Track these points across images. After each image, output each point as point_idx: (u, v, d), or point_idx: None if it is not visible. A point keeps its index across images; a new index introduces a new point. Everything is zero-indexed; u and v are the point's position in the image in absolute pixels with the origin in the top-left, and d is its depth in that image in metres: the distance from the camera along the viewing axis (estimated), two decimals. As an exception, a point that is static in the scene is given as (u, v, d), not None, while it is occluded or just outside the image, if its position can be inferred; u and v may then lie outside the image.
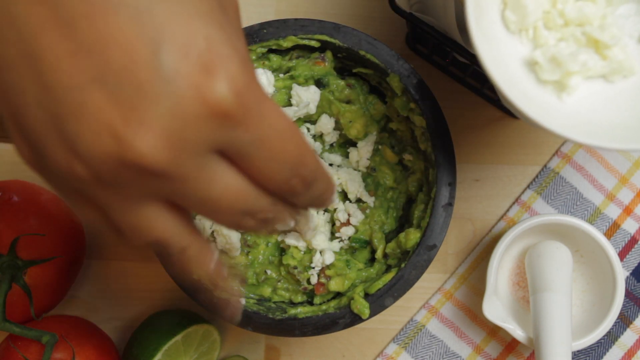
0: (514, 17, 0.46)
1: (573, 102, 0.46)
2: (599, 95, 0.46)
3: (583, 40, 0.46)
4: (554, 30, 0.47)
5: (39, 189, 0.68)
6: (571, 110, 0.45)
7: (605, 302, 0.65)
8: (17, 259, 0.64)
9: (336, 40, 0.59)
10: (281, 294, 0.63)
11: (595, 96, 0.46)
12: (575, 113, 0.45)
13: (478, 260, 0.71)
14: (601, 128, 0.44)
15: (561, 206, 0.71)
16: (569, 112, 0.45)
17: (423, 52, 0.71)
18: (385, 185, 0.63)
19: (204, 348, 0.68)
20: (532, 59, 0.46)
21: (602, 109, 0.46)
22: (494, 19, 0.46)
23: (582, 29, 0.46)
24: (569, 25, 0.46)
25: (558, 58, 0.45)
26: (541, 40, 0.46)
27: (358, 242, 0.62)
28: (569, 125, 0.44)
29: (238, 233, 0.62)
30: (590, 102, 0.46)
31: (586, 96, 0.46)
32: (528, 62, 0.46)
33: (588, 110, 0.46)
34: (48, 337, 0.62)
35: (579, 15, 0.46)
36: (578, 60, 0.45)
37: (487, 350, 0.70)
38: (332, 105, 0.62)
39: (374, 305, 0.57)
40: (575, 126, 0.44)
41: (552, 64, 0.45)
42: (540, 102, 0.45)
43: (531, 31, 0.47)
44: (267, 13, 0.74)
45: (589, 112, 0.45)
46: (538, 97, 0.45)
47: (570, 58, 0.45)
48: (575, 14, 0.46)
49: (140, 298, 0.73)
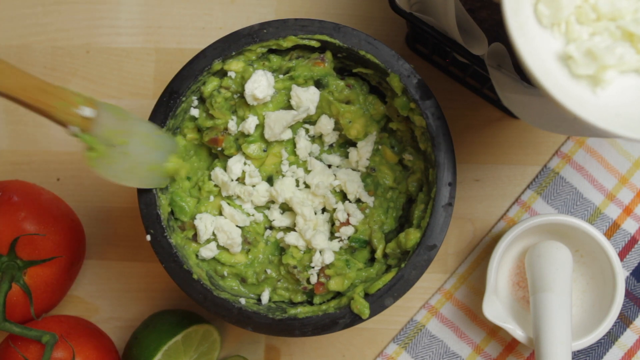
0: (547, 11, 0.46)
1: (607, 97, 0.46)
2: (633, 90, 0.46)
3: (618, 34, 0.46)
4: (586, 24, 0.46)
5: (39, 189, 0.68)
6: (605, 104, 0.45)
7: (605, 302, 0.65)
8: (17, 259, 0.64)
9: (336, 40, 0.59)
10: (281, 293, 0.63)
11: (629, 90, 0.46)
12: (610, 107, 0.45)
13: (478, 260, 0.71)
14: (636, 121, 0.44)
15: (561, 206, 0.71)
16: (603, 106, 0.45)
17: (423, 52, 0.71)
18: (385, 185, 0.63)
19: (204, 348, 0.68)
20: (565, 54, 0.46)
21: (636, 103, 0.46)
22: (528, 13, 0.46)
23: (615, 23, 0.46)
24: (601, 19, 0.46)
25: (594, 52, 0.45)
26: (574, 35, 0.46)
27: (357, 242, 0.62)
28: (605, 117, 0.44)
29: (239, 229, 0.62)
30: (625, 96, 0.46)
31: (620, 91, 0.46)
32: (561, 56, 0.46)
33: (622, 104, 0.46)
34: (48, 337, 0.62)
35: (612, 9, 0.46)
36: (615, 53, 0.45)
37: (487, 350, 0.70)
38: (332, 105, 0.62)
39: (374, 305, 0.57)
40: (611, 119, 0.44)
41: (587, 57, 0.45)
42: (574, 95, 0.45)
43: (564, 25, 0.47)
44: (267, 13, 0.74)
45: (623, 106, 0.45)
46: (572, 91, 0.45)
47: (606, 51, 0.45)
48: (608, 7, 0.46)
49: (140, 298, 0.73)
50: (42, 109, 0.48)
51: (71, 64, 0.74)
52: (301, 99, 0.61)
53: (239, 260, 0.62)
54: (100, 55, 0.75)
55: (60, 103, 0.49)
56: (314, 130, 0.64)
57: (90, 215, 0.73)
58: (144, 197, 0.58)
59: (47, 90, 0.49)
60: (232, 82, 0.61)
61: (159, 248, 0.58)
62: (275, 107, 0.62)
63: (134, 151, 0.56)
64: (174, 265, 0.58)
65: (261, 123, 0.62)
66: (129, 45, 0.75)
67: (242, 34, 0.59)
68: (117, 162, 0.54)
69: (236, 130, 0.62)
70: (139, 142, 0.56)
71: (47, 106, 0.48)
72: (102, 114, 0.52)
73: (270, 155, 0.63)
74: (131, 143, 0.55)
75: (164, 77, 0.74)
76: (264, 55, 0.62)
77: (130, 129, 0.56)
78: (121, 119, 0.55)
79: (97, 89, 0.74)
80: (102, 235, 0.73)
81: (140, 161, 0.57)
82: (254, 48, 0.60)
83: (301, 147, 0.63)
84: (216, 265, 0.62)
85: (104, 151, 0.52)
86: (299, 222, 0.62)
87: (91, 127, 0.51)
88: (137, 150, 0.56)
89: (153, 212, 0.58)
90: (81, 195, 0.73)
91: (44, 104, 0.48)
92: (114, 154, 0.54)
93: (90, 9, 0.75)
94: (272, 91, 0.62)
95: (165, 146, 0.60)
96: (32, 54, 0.75)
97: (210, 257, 0.62)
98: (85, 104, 0.51)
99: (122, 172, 0.55)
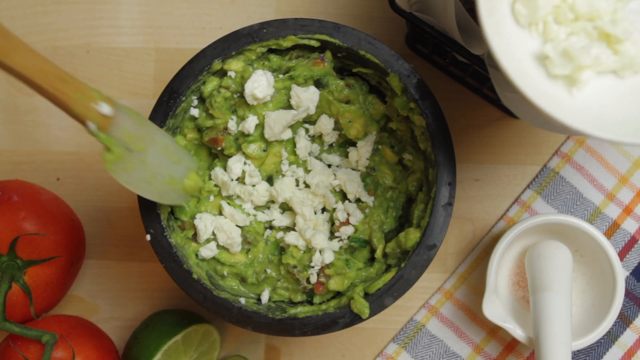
0: (524, 10, 0.46)
1: (583, 97, 0.46)
2: (610, 91, 0.46)
3: (594, 34, 0.46)
4: (564, 24, 0.46)
5: (39, 189, 0.68)
6: (581, 105, 0.45)
7: (605, 302, 0.65)
8: (17, 258, 0.64)
9: (336, 40, 0.59)
10: (281, 293, 0.63)
11: (605, 92, 0.46)
12: (586, 108, 0.45)
13: (478, 260, 0.71)
14: (612, 122, 0.44)
15: (561, 206, 0.71)
16: (580, 107, 0.45)
17: (423, 52, 0.71)
18: (384, 185, 0.63)
19: (204, 348, 0.68)
20: (542, 53, 0.46)
21: (612, 105, 0.46)
22: (505, 12, 0.46)
23: (593, 24, 0.46)
24: (579, 19, 0.46)
25: (570, 52, 0.45)
26: (551, 35, 0.46)
27: (357, 241, 0.62)
28: (580, 118, 0.44)
29: (239, 229, 0.62)
30: (601, 97, 0.46)
31: (596, 92, 0.46)
32: (538, 56, 0.46)
33: (598, 106, 0.45)
34: (48, 337, 0.62)
35: (590, 9, 0.46)
36: (590, 54, 0.45)
37: (487, 350, 0.70)
38: (332, 105, 0.62)
39: (374, 305, 0.57)
40: (586, 119, 0.44)
41: (563, 58, 0.45)
42: (551, 96, 0.45)
43: (541, 25, 0.46)
44: (267, 13, 0.74)
45: (599, 107, 0.45)
46: (549, 92, 0.45)
47: (582, 52, 0.45)
48: (586, 8, 0.46)
49: (140, 298, 0.73)
50: (60, 98, 0.46)
51: (71, 64, 0.74)
52: (301, 99, 0.61)
53: (238, 260, 0.62)
54: (100, 55, 0.75)
55: (79, 95, 0.47)
56: (314, 130, 0.64)
57: (90, 215, 0.73)
58: (143, 197, 0.58)
59: (66, 80, 0.47)
60: (232, 82, 0.61)
61: (158, 248, 0.58)
62: (275, 106, 0.62)
63: (152, 160, 0.54)
64: (173, 265, 0.58)
65: (261, 123, 0.62)
66: (129, 45, 0.75)
67: (242, 34, 0.60)
68: (136, 169, 0.52)
69: (236, 130, 0.62)
70: (157, 151, 0.54)
71: (65, 96, 0.46)
72: (121, 116, 0.50)
73: (270, 155, 0.63)
74: (150, 151, 0.53)
75: (164, 77, 0.74)
76: (263, 55, 0.62)
77: (149, 136, 0.54)
78: (140, 124, 0.53)
79: (97, 89, 0.74)
80: (102, 235, 0.73)
81: (159, 172, 0.55)
82: (254, 48, 0.60)
83: (301, 147, 0.63)
84: (216, 265, 0.62)
85: (121, 155, 0.50)
86: (299, 221, 0.62)
87: (109, 127, 0.49)
88: (156, 159, 0.54)
89: (153, 212, 0.58)
90: (81, 195, 0.73)
91: (63, 93, 0.46)
92: (133, 159, 0.52)
93: (90, 9, 0.75)
94: (272, 91, 0.62)
95: (184, 161, 0.58)
96: (32, 54, 0.75)
97: (210, 256, 0.62)
98: (105, 102, 0.49)
99: (140, 181, 0.53)
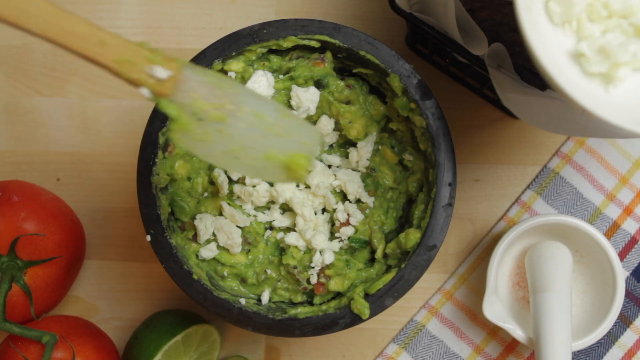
0: (558, 8, 0.46)
1: (619, 94, 0.46)
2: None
3: (630, 31, 0.46)
4: (598, 22, 0.46)
5: (38, 189, 0.68)
6: (618, 101, 0.45)
7: (605, 302, 0.65)
8: (17, 259, 0.64)
9: (336, 40, 0.59)
10: (281, 293, 0.63)
11: None
12: (623, 105, 0.45)
13: (478, 260, 0.71)
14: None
15: (561, 206, 0.71)
16: (616, 104, 0.45)
17: (423, 52, 0.71)
18: (385, 186, 0.63)
19: (204, 348, 0.68)
20: (577, 51, 0.46)
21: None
22: (539, 10, 0.46)
23: (627, 20, 0.46)
24: (612, 17, 0.46)
25: (607, 49, 0.45)
26: (585, 32, 0.46)
27: (357, 242, 0.62)
28: (618, 114, 0.44)
29: (239, 230, 0.62)
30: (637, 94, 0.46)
31: (632, 89, 0.46)
32: (573, 54, 0.46)
33: (634, 103, 0.45)
34: (48, 337, 0.62)
35: (624, 6, 0.46)
36: (628, 50, 0.45)
37: (487, 351, 0.70)
38: (332, 106, 0.62)
39: (374, 305, 0.57)
40: (625, 116, 0.44)
41: (600, 55, 0.45)
42: (587, 93, 0.45)
43: (575, 23, 0.46)
44: (268, 13, 0.74)
45: (635, 105, 0.45)
46: (585, 89, 0.45)
47: (619, 49, 0.45)
48: (620, 5, 0.46)
49: (140, 298, 0.73)
50: (102, 63, 0.42)
51: (71, 64, 0.74)
52: (301, 99, 0.61)
53: (239, 261, 0.62)
54: (100, 55, 0.75)
55: (125, 59, 0.43)
56: (314, 131, 0.64)
57: (90, 215, 0.73)
58: (144, 197, 0.58)
59: (108, 43, 0.42)
60: (232, 82, 0.61)
61: (159, 248, 0.58)
62: (275, 107, 0.62)
63: (237, 132, 0.46)
64: (174, 266, 0.58)
65: (261, 123, 0.62)
66: (129, 45, 0.75)
67: (242, 34, 0.59)
68: (213, 141, 0.45)
69: (236, 131, 0.62)
70: (247, 121, 0.46)
71: (107, 61, 0.42)
72: (189, 80, 0.44)
73: (271, 155, 0.63)
74: (232, 122, 0.46)
75: (164, 77, 0.74)
76: (264, 55, 0.62)
77: (233, 104, 0.46)
78: (221, 88, 0.46)
79: (97, 89, 0.74)
80: (102, 235, 0.73)
81: (250, 146, 0.46)
82: (254, 48, 0.60)
83: (301, 147, 0.63)
84: (216, 266, 0.62)
85: (188, 124, 0.44)
86: (299, 222, 0.62)
87: (170, 91, 0.44)
88: (243, 131, 0.46)
89: (153, 212, 0.58)
90: (81, 195, 0.73)
91: (104, 59, 0.42)
92: (207, 130, 0.45)
93: (90, 9, 0.75)
94: (272, 91, 0.62)
95: (297, 134, 0.48)
96: (32, 54, 0.75)
97: (210, 257, 0.62)
98: (162, 64, 0.43)
99: (222, 155, 0.46)
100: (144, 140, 0.59)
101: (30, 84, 0.74)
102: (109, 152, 0.73)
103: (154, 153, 0.59)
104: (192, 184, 0.63)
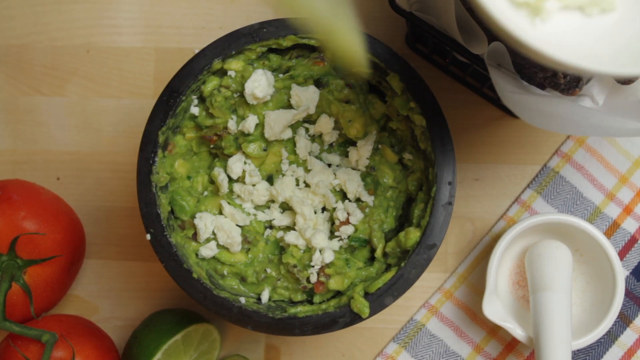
0: None
1: (546, 32, 0.44)
2: (574, 31, 0.44)
3: None
4: None
5: (38, 188, 0.68)
6: (544, 39, 0.43)
7: (605, 302, 0.65)
8: (17, 258, 0.64)
9: (336, 39, 0.59)
10: (281, 292, 0.63)
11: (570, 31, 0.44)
12: (548, 42, 0.43)
13: (478, 259, 0.71)
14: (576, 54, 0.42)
15: (561, 205, 0.71)
16: (543, 40, 0.43)
17: (423, 51, 0.71)
18: (384, 185, 0.63)
19: (204, 347, 0.68)
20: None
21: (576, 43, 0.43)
22: None
23: None
24: None
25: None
26: None
27: (357, 241, 0.62)
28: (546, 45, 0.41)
29: (239, 228, 0.62)
30: (564, 36, 0.44)
31: (560, 30, 0.44)
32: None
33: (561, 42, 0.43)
34: (48, 337, 0.62)
35: None
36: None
37: (487, 350, 0.70)
38: (332, 105, 0.62)
39: (374, 304, 0.57)
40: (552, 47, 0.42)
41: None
42: (516, 24, 0.42)
43: None
44: (267, 12, 0.74)
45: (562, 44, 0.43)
46: (513, 19, 0.43)
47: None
48: None
49: (140, 297, 0.73)
50: None
51: (71, 64, 0.75)
52: (301, 98, 0.61)
53: (238, 260, 0.63)
54: (101, 55, 0.75)
55: None
56: (314, 130, 0.64)
57: (90, 215, 0.73)
58: (143, 196, 0.58)
59: None
60: (232, 82, 0.61)
61: (158, 247, 0.58)
62: (275, 106, 0.62)
63: None
64: (173, 265, 0.58)
65: (261, 122, 0.62)
66: (129, 45, 0.75)
67: (242, 33, 0.60)
68: None
69: (236, 130, 0.62)
70: None
71: None
72: None
73: (270, 154, 0.63)
74: None
75: (164, 77, 0.74)
76: (263, 54, 0.62)
77: None
78: None
79: (97, 89, 0.74)
80: (102, 235, 0.73)
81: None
82: (254, 47, 0.60)
83: (301, 146, 0.63)
84: (216, 265, 0.62)
85: None
86: (299, 221, 0.62)
87: None
88: None
89: (153, 211, 0.58)
90: (81, 194, 0.73)
91: None
92: None
93: (90, 8, 0.75)
94: (272, 90, 0.62)
95: None
96: (32, 53, 0.75)
97: (210, 256, 0.62)
98: None
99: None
100: (143, 139, 0.59)
101: (30, 83, 0.74)
102: (109, 151, 0.73)
103: (153, 152, 0.59)
104: (192, 183, 0.63)
